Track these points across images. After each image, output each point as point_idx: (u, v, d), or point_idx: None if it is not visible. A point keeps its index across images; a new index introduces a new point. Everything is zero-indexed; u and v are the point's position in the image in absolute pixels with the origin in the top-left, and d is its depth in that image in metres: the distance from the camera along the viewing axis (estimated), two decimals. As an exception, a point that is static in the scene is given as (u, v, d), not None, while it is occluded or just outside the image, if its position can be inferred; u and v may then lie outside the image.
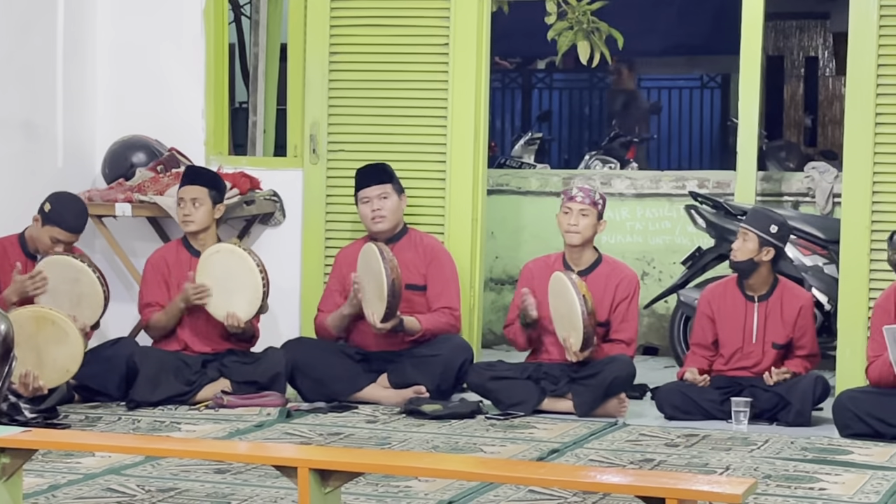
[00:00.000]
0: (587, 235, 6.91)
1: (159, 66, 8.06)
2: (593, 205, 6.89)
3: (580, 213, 6.88)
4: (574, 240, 6.90)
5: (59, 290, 6.67)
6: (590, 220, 6.88)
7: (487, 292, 8.99)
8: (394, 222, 7.20)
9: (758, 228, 6.72)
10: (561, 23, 10.02)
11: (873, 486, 5.35)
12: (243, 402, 6.83)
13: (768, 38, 13.37)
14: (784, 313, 6.77)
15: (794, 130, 14.39)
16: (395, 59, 7.70)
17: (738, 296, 6.84)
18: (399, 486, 5.22)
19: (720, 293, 6.90)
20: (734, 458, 5.85)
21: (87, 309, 6.73)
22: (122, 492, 5.13)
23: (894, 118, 6.99)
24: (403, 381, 7.01)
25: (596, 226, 6.92)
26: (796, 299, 6.81)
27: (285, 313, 7.69)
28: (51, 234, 6.78)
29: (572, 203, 6.90)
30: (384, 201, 7.17)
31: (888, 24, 6.98)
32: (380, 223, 7.16)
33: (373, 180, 7.19)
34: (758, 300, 6.80)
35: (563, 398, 6.83)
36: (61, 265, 6.74)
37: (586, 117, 15.54)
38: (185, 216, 7.06)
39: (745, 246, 6.71)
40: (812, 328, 6.83)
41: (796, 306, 6.78)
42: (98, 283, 6.75)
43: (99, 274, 6.79)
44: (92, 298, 6.75)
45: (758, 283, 6.79)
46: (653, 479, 4.20)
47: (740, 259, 6.73)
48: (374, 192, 7.18)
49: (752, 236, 6.71)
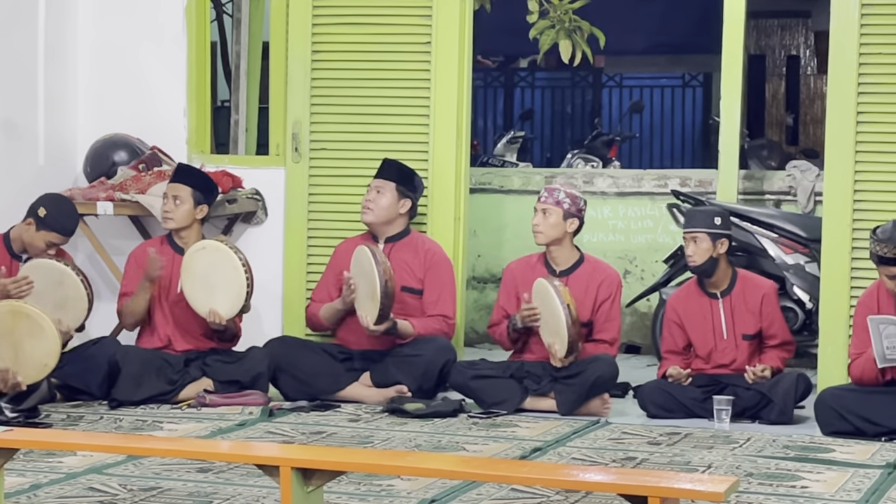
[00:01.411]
0: (551, 235, 6.91)
1: (141, 64, 8.05)
2: (556, 204, 6.89)
3: (542, 212, 6.90)
4: (537, 239, 6.92)
5: (43, 293, 6.65)
6: (553, 219, 6.88)
7: (470, 291, 9.00)
8: (379, 218, 7.19)
9: (704, 227, 6.75)
10: (543, 21, 10.02)
11: (855, 484, 5.37)
12: (226, 401, 6.82)
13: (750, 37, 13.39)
14: (748, 304, 6.80)
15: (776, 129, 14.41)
16: (378, 58, 7.69)
17: (702, 296, 6.86)
18: (381, 484, 5.22)
19: (684, 297, 6.92)
20: (716, 456, 5.86)
21: (70, 312, 6.72)
22: (105, 491, 5.12)
23: (875, 117, 7.01)
24: (386, 380, 7.01)
25: (563, 225, 6.91)
26: (758, 288, 6.84)
27: (267, 312, 7.68)
28: (46, 239, 6.78)
29: (537, 203, 6.94)
30: (378, 195, 7.19)
31: (869, 22, 7.00)
32: (365, 214, 7.18)
33: (380, 173, 7.21)
34: (721, 296, 6.83)
35: (545, 397, 6.83)
36: (45, 268, 6.72)
37: (568, 116, 15.56)
38: (166, 212, 7.07)
39: (699, 248, 6.74)
40: (779, 315, 6.85)
41: (759, 295, 6.81)
42: (82, 286, 6.74)
43: (83, 277, 6.78)
44: (76, 301, 6.73)
45: (719, 279, 6.81)
46: (635, 477, 4.21)
47: (700, 262, 6.76)
48: (375, 182, 7.20)
49: (703, 236, 6.73)
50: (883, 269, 6.22)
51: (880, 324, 6.12)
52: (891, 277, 6.20)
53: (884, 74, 7.00)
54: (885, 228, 6.21)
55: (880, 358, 6.17)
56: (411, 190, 7.25)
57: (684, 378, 6.73)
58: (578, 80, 15.41)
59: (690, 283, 6.96)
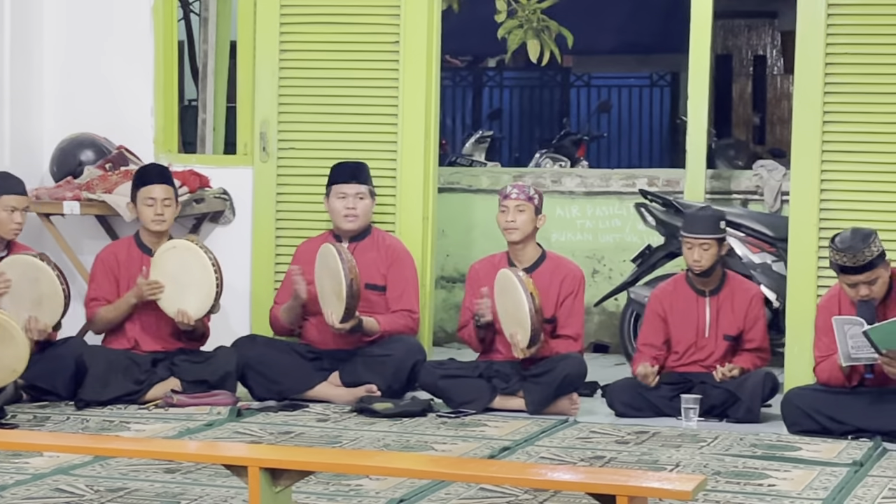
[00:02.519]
0: (526, 231, 6.93)
1: (108, 63, 8.01)
2: (528, 200, 6.92)
3: (516, 210, 6.91)
4: (514, 236, 6.93)
5: (20, 290, 6.61)
6: (527, 215, 6.91)
7: (439, 290, 8.99)
8: (364, 224, 7.21)
9: (712, 232, 6.76)
10: (511, 21, 10.04)
11: (821, 483, 5.39)
12: (193, 401, 6.80)
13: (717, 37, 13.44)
14: (735, 305, 6.82)
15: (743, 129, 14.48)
16: (346, 57, 7.68)
17: (690, 292, 6.88)
18: (350, 484, 5.21)
19: (671, 291, 6.93)
20: (684, 454, 5.88)
21: (47, 309, 6.69)
22: (71, 492, 5.10)
23: (842, 117, 7.04)
24: (355, 379, 7.00)
25: (535, 221, 6.94)
26: (746, 291, 6.88)
27: (235, 312, 7.66)
28: (5, 206, 6.73)
29: (508, 200, 6.93)
30: (360, 202, 7.17)
31: (835, 23, 7.03)
32: (351, 222, 7.16)
33: (353, 178, 7.18)
34: (709, 294, 6.85)
35: (514, 396, 6.84)
36: (22, 265, 6.69)
37: (537, 115, 15.59)
38: (158, 216, 6.99)
39: (708, 253, 6.74)
40: (762, 320, 6.88)
41: (747, 298, 6.84)
42: (58, 283, 6.71)
43: (59, 272, 6.74)
44: (52, 299, 6.70)
45: (713, 278, 6.84)
46: (603, 476, 4.22)
47: (708, 266, 6.77)
48: (352, 189, 7.17)
49: (711, 241, 6.75)
50: (843, 277, 6.21)
51: (845, 324, 6.14)
52: (851, 286, 6.20)
53: (850, 74, 7.03)
54: (843, 237, 6.17)
55: (845, 357, 6.19)
56: (374, 187, 7.27)
57: (652, 378, 6.74)
58: (546, 79, 15.44)
59: (678, 279, 6.96)
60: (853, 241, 6.12)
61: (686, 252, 6.82)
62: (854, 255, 6.10)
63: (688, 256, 6.81)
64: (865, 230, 6.19)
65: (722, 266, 6.91)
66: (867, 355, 6.14)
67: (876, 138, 7.00)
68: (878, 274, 6.16)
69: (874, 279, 6.16)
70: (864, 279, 6.15)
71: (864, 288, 6.16)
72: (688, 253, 6.81)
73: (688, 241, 6.79)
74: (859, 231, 6.18)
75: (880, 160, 6.98)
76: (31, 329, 6.62)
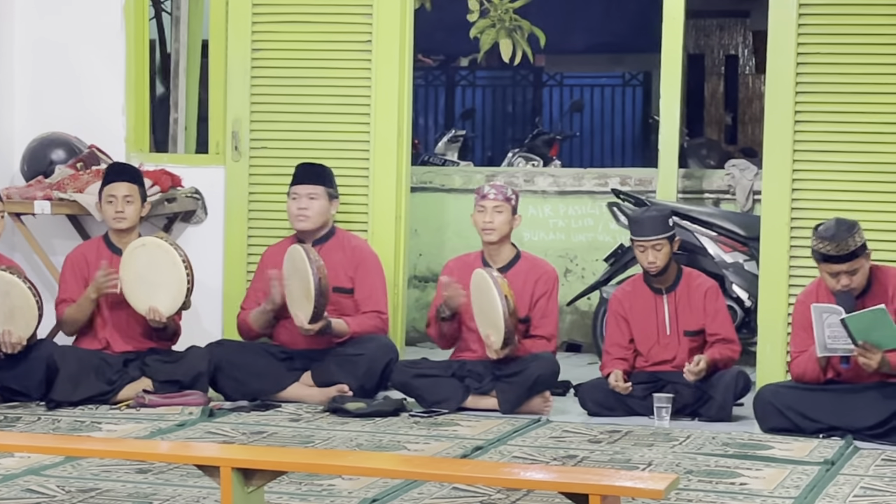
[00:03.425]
0: (504, 231, 6.93)
1: (79, 62, 7.98)
2: (506, 200, 6.92)
3: (494, 210, 6.91)
4: (491, 237, 6.93)
5: None
6: (504, 215, 6.91)
7: (411, 290, 8.99)
8: (317, 224, 7.18)
9: (662, 233, 6.76)
10: (483, 20, 10.05)
11: (793, 481, 5.41)
12: (165, 402, 6.78)
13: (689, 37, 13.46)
14: (692, 300, 6.83)
15: (715, 128, 14.51)
16: (318, 56, 7.68)
17: (647, 291, 6.89)
18: (323, 484, 5.20)
19: (629, 292, 6.95)
20: (656, 453, 5.89)
21: (20, 321, 6.65)
22: (42, 493, 5.07)
23: (813, 116, 7.07)
24: (327, 379, 6.99)
25: (511, 221, 6.94)
26: (701, 285, 6.88)
27: (207, 311, 7.64)
28: None
29: (485, 201, 6.93)
30: (311, 202, 7.15)
31: (807, 22, 7.05)
32: (302, 222, 7.14)
33: (305, 179, 7.17)
34: (666, 291, 6.87)
35: (487, 395, 6.84)
36: None
37: (509, 115, 15.59)
38: (118, 213, 6.97)
39: (661, 253, 6.76)
40: (723, 311, 6.88)
41: (702, 291, 6.85)
42: (30, 295, 6.67)
43: (30, 285, 6.71)
44: (25, 311, 6.67)
45: (668, 276, 6.85)
46: (576, 475, 4.22)
47: (663, 266, 6.78)
48: (304, 190, 7.15)
49: (663, 241, 6.76)
50: (824, 266, 6.24)
51: (823, 312, 6.15)
52: (833, 275, 6.23)
53: (821, 74, 7.05)
54: (827, 226, 6.22)
55: (821, 347, 6.20)
56: (336, 189, 7.25)
57: (622, 388, 6.74)
58: (519, 78, 15.44)
59: (636, 279, 6.98)
60: (837, 230, 6.16)
61: (639, 255, 6.81)
62: (838, 244, 6.14)
63: (642, 259, 6.81)
64: (849, 221, 6.23)
65: (676, 262, 6.92)
66: (843, 346, 6.15)
67: (847, 137, 7.03)
68: (859, 264, 6.20)
69: (855, 269, 6.19)
70: (845, 269, 6.18)
71: (845, 278, 6.19)
72: (641, 256, 6.80)
73: (640, 245, 6.78)
74: (843, 221, 6.22)
75: (852, 159, 7.01)
76: (4, 343, 6.60)
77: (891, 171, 6.94)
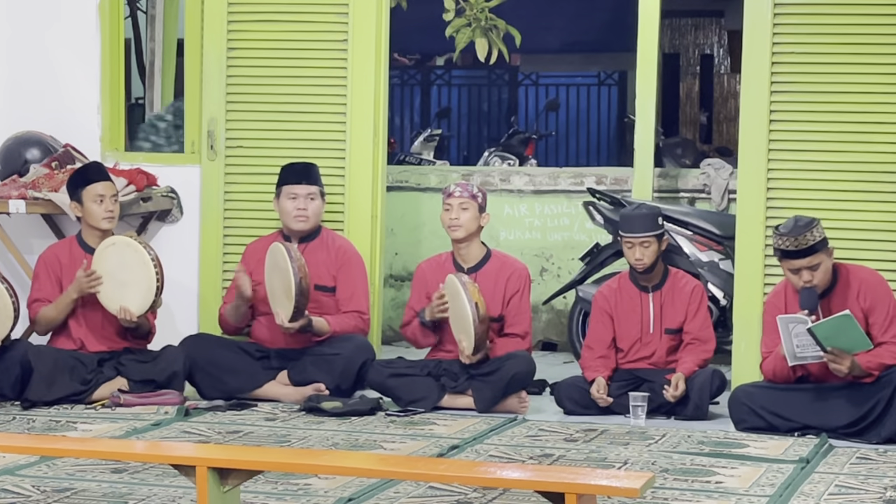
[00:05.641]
0: (470, 229, 6.93)
1: (54, 60, 7.96)
2: (472, 198, 6.93)
3: (460, 207, 6.92)
4: (457, 233, 6.93)
5: None
6: (470, 213, 6.92)
7: (387, 289, 8.99)
8: (315, 224, 7.20)
9: (651, 230, 6.78)
10: (459, 20, 10.05)
11: (768, 479, 5.43)
12: (140, 401, 6.77)
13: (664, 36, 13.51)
14: (676, 299, 6.86)
15: (690, 127, 14.55)
16: (294, 55, 7.67)
17: (633, 289, 6.91)
18: (299, 483, 5.20)
19: (615, 289, 6.96)
20: (632, 452, 5.90)
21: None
22: (17, 493, 5.05)
23: (788, 115, 7.09)
24: (304, 378, 6.99)
25: (479, 219, 6.94)
26: (686, 285, 6.92)
27: (183, 310, 7.63)
28: None
29: (451, 199, 6.94)
30: (311, 202, 7.15)
31: (782, 21, 7.08)
32: (302, 223, 7.14)
33: (304, 179, 7.16)
34: (652, 290, 6.88)
35: (463, 395, 6.84)
36: None
37: (485, 114, 15.60)
38: (109, 212, 6.96)
39: (649, 251, 6.78)
40: (704, 312, 6.90)
41: (688, 290, 6.88)
42: (7, 296, 6.64)
43: (8, 285, 6.68)
44: (0, 311, 6.64)
45: (655, 274, 6.87)
46: (552, 474, 4.22)
47: (650, 263, 6.80)
48: (303, 190, 7.14)
49: (651, 239, 6.78)
50: (786, 263, 6.28)
51: (789, 322, 6.19)
52: (794, 272, 6.27)
53: (796, 73, 7.07)
54: (786, 223, 6.30)
55: (790, 356, 6.23)
56: (324, 188, 7.25)
57: (603, 402, 6.74)
58: (495, 78, 15.45)
59: (622, 276, 6.99)
60: (795, 225, 6.24)
61: (627, 252, 6.84)
62: (796, 239, 6.18)
63: (629, 256, 6.83)
64: (808, 217, 6.30)
65: (663, 261, 6.95)
66: (813, 353, 6.18)
67: (822, 137, 7.05)
68: (819, 259, 6.23)
69: (816, 265, 6.23)
70: (805, 264, 6.21)
71: (807, 273, 6.23)
72: (629, 252, 6.83)
73: (628, 241, 6.81)
74: (802, 217, 6.31)
75: (826, 158, 7.03)
76: None
77: (865, 171, 6.96)
